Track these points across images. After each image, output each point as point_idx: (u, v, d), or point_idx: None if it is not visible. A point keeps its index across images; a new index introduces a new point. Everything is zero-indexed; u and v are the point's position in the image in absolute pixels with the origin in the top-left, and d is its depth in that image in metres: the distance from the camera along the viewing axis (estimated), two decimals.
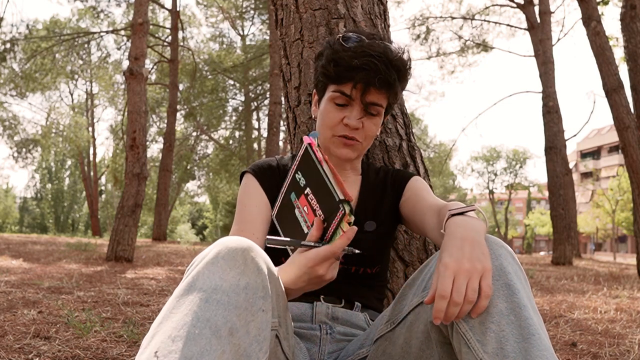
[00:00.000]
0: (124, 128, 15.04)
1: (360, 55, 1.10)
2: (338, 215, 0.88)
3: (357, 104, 1.15)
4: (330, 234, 0.91)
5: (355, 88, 1.13)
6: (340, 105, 1.17)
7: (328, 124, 1.18)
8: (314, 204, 0.94)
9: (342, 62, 1.12)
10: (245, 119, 19.54)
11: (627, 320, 2.80)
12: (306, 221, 0.96)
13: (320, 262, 0.89)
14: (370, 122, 1.18)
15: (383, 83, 1.11)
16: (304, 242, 0.91)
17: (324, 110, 1.20)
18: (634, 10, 5.98)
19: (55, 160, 37.03)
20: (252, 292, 0.79)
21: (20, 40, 15.56)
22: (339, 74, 1.14)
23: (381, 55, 1.10)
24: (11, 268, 4.41)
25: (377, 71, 1.10)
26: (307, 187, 0.95)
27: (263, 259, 0.83)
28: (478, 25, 15.66)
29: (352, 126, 1.15)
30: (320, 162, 0.92)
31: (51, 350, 1.70)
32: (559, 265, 9.38)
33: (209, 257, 0.81)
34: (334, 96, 1.17)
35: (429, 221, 1.09)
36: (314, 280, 0.92)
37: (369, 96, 1.14)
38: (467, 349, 0.81)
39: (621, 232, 33.14)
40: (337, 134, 1.18)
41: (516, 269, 0.86)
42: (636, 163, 5.85)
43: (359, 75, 1.11)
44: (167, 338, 0.72)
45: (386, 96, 1.16)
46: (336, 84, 1.16)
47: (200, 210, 45.47)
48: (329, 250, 0.89)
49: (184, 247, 9.97)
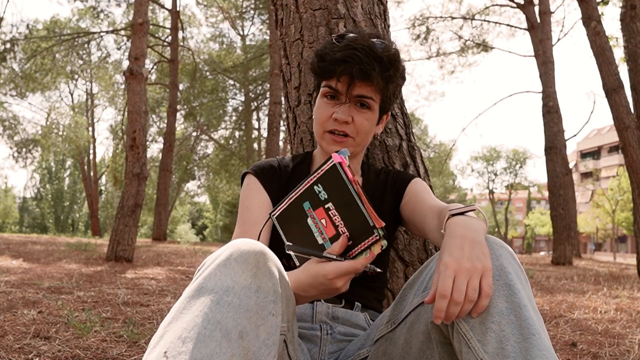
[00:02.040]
0: (124, 128, 15.05)
1: (343, 49, 1.12)
2: (371, 239, 0.91)
3: (345, 97, 1.16)
4: (357, 252, 0.93)
5: (339, 81, 1.15)
6: (330, 100, 1.18)
7: (319, 119, 1.20)
8: (336, 220, 0.95)
9: (327, 56, 1.14)
10: (245, 119, 19.54)
11: (627, 320, 2.80)
12: (322, 233, 0.97)
13: (341, 275, 0.91)
14: (361, 116, 1.17)
15: (365, 74, 1.11)
16: (326, 254, 0.93)
17: (316, 106, 1.21)
18: (634, 10, 5.98)
19: (55, 160, 37.01)
20: (263, 295, 0.78)
21: (20, 40, 15.55)
22: (323, 68, 1.16)
23: (364, 48, 1.10)
24: (11, 268, 4.41)
25: (358, 62, 1.10)
26: (328, 201, 0.96)
27: (275, 263, 0.83)
28: (478, 25, 15.66)
29: (341, 119, 1.16)
30: (353, 183, 0.93)
31: (51, 350, 1.70)
32: (559, 265, 9.38)
33: (221, 258, 0.80)
34: (324, 91, 1.19)
35: (429, 223, 1.09)
36: (328, 291, 0.93)
37: (355, 89, 1.15)
38: (468, 348, 0.81)
39: (621, 232, 33.13)
40: (327, 129, 1.18)
41: (516, 269, 0.86)
42: (636, 163, 5.85)
43: (340, 67, 1.12)
44: (176, 339, 0.71)
45: (374, 89, 1.16)
46: (325, 79, 1.18)
47: (200, 210, 45.46)
48: (352, 266, 0.91)
49: (184, 247, 9.97)
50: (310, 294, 0.93)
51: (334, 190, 0.95)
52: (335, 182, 0.95)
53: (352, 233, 0.93)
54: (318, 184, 0.97)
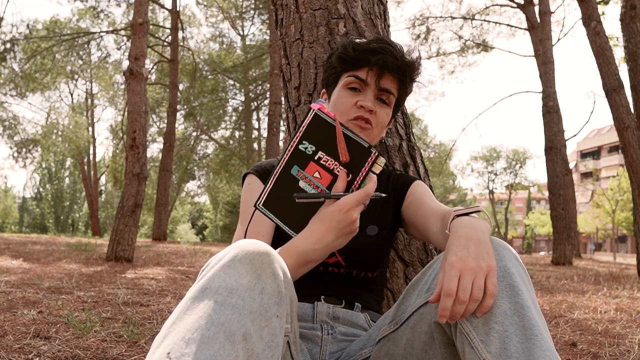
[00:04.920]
0: (124, 128, 15.05)
1: (377, 42, 1.17)
2: (370, 160, 0.95)
3: (370, 89, 1.17)
4: (361, 180, 0.97)
5: (371, 70, 1.16)
6: (354, 90, 1.19)
7: (342, 108, 1.18)
8: (329, 165, 0.98)
9: (360, 46, 1.18)
10: (245, 119, 19.54)
11: (627, 320, 2.80)
12: (319, 186, 0.99)
13: (356, 205, 0.94)
14: (382, 110, 1.19)
15: (397, 69, 1.15)
16: (334, 193, 0.96)
17: (337, 97, 1.20)
18: (634, 10, 5.98)
19: (55, 160, 36.98)
20: (267, 297, 0.78)
21: (20, 40, 15.55)
22: (356, 57, 1.17)
23: (395, 45, 1.17)
24: (11, 268, 4.41)
25: (392, 55, 1.14)
26: (317, 151, 0.98)
27: (279, 264, 0.82)
28: (478, 25, 15.66)
29: (368, 107, 1.16)
30: (335, 119, 0.97)
31: (51, 350, 1.70)
32: (559, 265, 9.38)
33: (225, 259, 0.80)
34: (349, 81, 1.19)
35: (432, 226, 1.09)
36: (345, 230, 0.95)
37: (383, 81, 1.17)
38: (471, 349, 0.81)
39: (621, 232, 33.14)
40: (352, 116, 1.17)
41: (520, 271, 0.86)
42: (636, 163, 5.84)
43: (375, 58, 1.15)
44: (180, 340, 0.71)
45: (398, 85, 1.19)
46: (352, 69, 1.19)
47: (200, 210, 45.45)
48: (364, 192, 0.94)
49: (184, 247, 9.97)
50: (326, 241, 0.95)
51: (321, 137, 0.98)
52: (321, 129, 0.98)
53: (349, 165, 0.97)
54: (303, 141, 0.99)
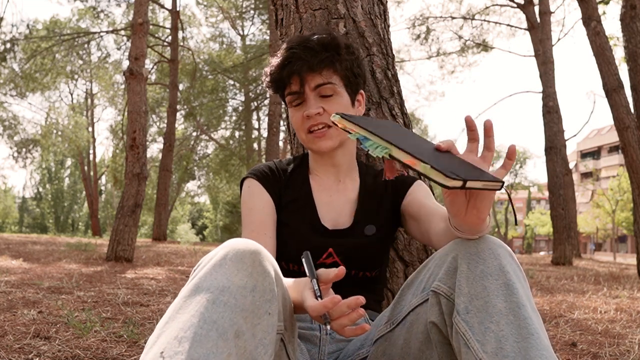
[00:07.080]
0: (124, 128, 15.04)
1: (281, 56, 1.19)
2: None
3: (309, 94, 1.19)
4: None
5: (292, 83, 1.18)
6: (297, 106, 1.21)
7: (296, 125, 1.22)
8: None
9: (275, 68, 1.20)
10: (245, 119, 19.54)
11: (627, 320, 2.80)
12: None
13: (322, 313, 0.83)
14: (330, 104, 1.19)
15: (307, 66, 1.15)
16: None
17: (290, 117, 1.24)
18: (634, 10, 5.98)
19: (55, 160, 36.99)
20: (259, 295, 0.78)
21: (20, 40, 15.55)
22: (273, 81, 1.21)
23: (298, 45, 1.17)
24: (11, 268, 4.41)
25: (298, 58, 1.15)
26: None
27: (270, 263, 0.83)
28: (478, 25, 15.67)
29: (311, 114, 1.18)
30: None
31: (51, 350, 1.70)
32: (559, 265, 9.38)
33: (216, 258, 0.80)
34: (289, 100, 1.22)
35: (435, 226, 1.09)
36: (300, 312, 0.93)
37: (309, 82, 1.18)
38: (467, 348, 0.81)
39: (621, 232, 33.14)
40: (306, 130, 1.20)
41: (515, 269, 0.86)
42: (636, 163, 5.84)
43: (285, 71, 1.17)
44: (173, 339, 0.71)
45: (325, 75, 1.18)
46: (283, 89, 1.22)
47: (200, 210, 45.45)
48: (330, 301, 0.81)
49: (184, 247, 9.97)
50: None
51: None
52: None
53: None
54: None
